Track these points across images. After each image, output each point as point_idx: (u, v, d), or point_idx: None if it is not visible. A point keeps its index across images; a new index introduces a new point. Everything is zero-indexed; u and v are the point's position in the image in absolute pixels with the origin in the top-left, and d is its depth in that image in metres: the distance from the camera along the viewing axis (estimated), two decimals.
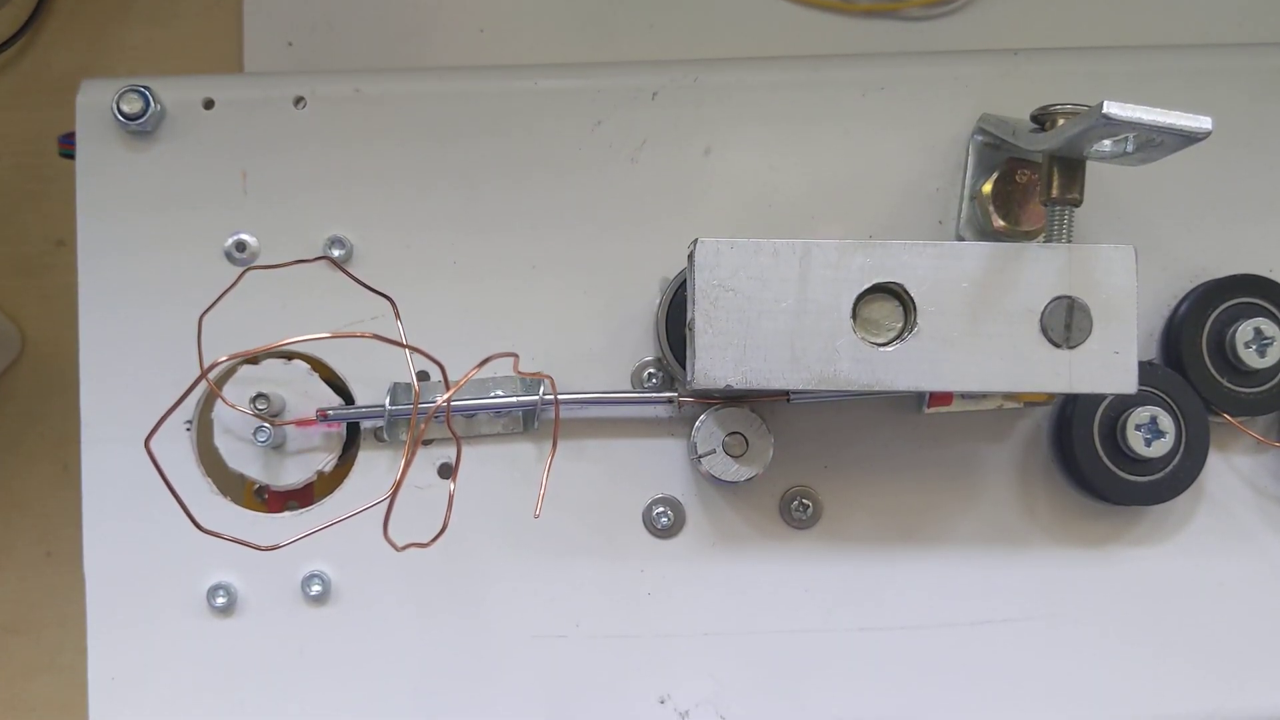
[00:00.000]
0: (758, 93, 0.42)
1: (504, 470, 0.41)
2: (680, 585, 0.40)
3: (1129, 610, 0.41)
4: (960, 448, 0.41)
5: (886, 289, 0.35)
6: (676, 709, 0.40)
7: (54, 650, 0.57)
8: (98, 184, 0.41)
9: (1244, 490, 0.41)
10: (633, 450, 0.41)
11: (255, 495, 0.43)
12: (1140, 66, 0.42)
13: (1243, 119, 0.42)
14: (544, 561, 0.40)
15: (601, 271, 0.41)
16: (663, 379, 0.41)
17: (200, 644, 0.40)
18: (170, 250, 0.41)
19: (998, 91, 0.41)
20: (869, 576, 0.41)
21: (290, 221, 0.41)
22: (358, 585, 0.40)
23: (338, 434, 0.41)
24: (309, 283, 0.41)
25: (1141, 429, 0.39)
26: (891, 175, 0.41)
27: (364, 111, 0.41)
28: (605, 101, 0.41)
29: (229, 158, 0.41)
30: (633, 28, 0.55)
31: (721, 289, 0.35)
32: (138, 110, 0.40)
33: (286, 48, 0.56)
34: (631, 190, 0.41)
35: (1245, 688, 0.40)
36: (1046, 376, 0.35)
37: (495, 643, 0.40)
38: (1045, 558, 0.41)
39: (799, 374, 0.35)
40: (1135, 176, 0.40)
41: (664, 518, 0.40)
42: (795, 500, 0.40)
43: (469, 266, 0.41)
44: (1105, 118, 0.31)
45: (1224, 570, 0.41)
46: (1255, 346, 0.39)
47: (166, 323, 0.41)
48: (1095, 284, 0.35)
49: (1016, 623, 0.41)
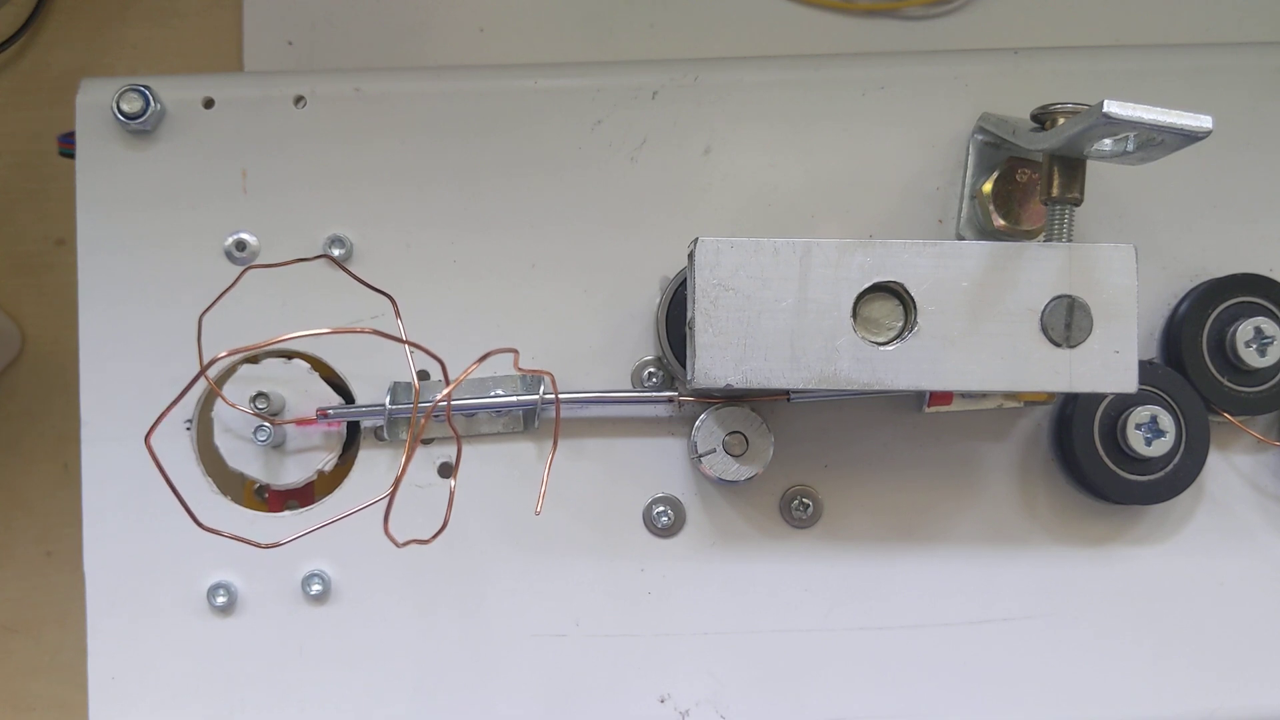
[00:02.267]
0: (758, 92, 0.42)
1: (504, 469, 0.41)
2: (680, 584, 0.40)
3: (1129, 610, 0.41)
4: (960, 447, 0.41)
5: (887, 288, 0.35)
6: (676, 708, 0.40)
7: (54, 649, 0.57)
8: (97, 183, 0.41)
9: (1244, 489, 0.41)
10: (633, 449, 0.41)
11: (255, 494, 0.43)
12: (1140, 66, 0.42)
13: (1243, 119, 0.42)
14: (544, 561, 0.40)
15: (601, 270, 0.41)
16: (663, 378, 0.41)
17: (200, 643, 0.40)
18: (170, 249, 0.41)
19: (998, 91, 0.41)
20: (869, 576, 0.41)
21: (290, 220, 0.41)
22: (358, 584, 0.40)
23: (338, 433, 0.41)
24: (309, 282, 0.41)
25: (1142, 428, 0.39)
26: (891, 174, 0.41)
27: (364, 111, 0.41)
28: (605, 101, 0.41)
29: (229, 157, 0.41)
30: (633, 27, 0.55)
31: (722, 288, 0.35)
32: (138, 109, 0.40)
33: (286, 47, 0.56)
34: (631, 190, 0.41)
35: (1245, 687, 0.40)
36: (1047, 376, 0.35)
37: (495, 642, 0.40)
38: (1045, 557, 0.41)
39: (799, 373, 0.35)
40: (1135, 176, 0.40)
41: (664, 517, 0.40)
42: (795, 500, 0.40)
43: (469, 265, 0.41)
44: (1106, 117, 0.31)
45: (1224, 570, 0.41)
46: (1255, 346, 0.39)
47: (166, 321, 0.41)
48: (1095, 283, 0.35)
49: (1016, 622, 0.41)
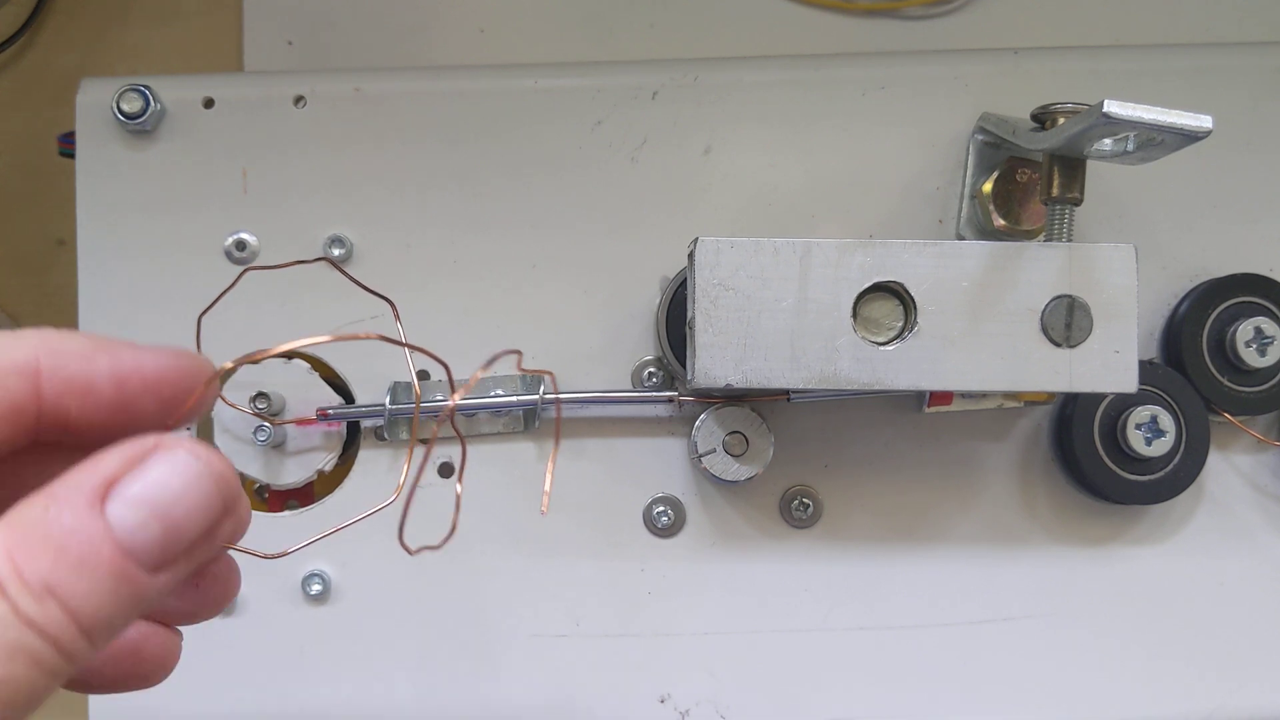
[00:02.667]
0: (758, 92, 0.42)
1: (504, 470, 0.41)
2: (680, 584, 0.40)
3: (1129, 609, 0.41)
4: (960, 447, 0.41)
5: (887, 288, 0.35)
6: (676, 708, 0.40)
7: None
8: (98, 183, 0.41)
9: (1244, 489, 0.41)
10: (633, 449, 0.41)
11: (255, 494, 0.43)
12: (1140, 66, 0.42)
13: (1243, 119, 0.42)
14: (544, 561, 0.40)
15: (601, 271, 0.41)
16: (663, 378, 0.41)
17: (200, 643, 0.40)
18: (170, 250, 0.41)
19: (998, 90, 0.41)
20: (869, 576, 0.41)
21: (290, 220, 0.41)
22: (358, 584, 0.40)
23: (338, 433, 0.41)
24: (309, 282, 0.41)
25: (1142, 428, 0.39)
26: (892, 174, 0.41)
27: (364, 111, 0.41)
28: (605, 101, 0.41)
29: (229, 157, 0.41)
30: (633, 27, 0.55)
31: (722, 288, 0.35)
32: (138, 109, 0.40)
33: (286, 47, 0.56)
34: (631, 190, 0.41)
35: (1245, 687, 0.40)
36: (1047, 375, 0.35)
37: (495, 641, 0.40)
38: (1045, 557, 0.41)
39: (799, 373, 0.35)
40: (1135, 176, 0.40)
41: (664, 517, 0.40)
42: (795, 499, 0.40)
43: (469, 265, 0.41)
44: (1106, 116, 0.31)
45: (1224, 570, 0.41)
46: (1255, 345, 0.39)
47: (166, 321, 0.41)
48: (1096, 283, 0.35)
49: (1016, 622, 0.40)
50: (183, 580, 0.22)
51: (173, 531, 0.21)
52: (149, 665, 0.28)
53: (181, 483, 0.21)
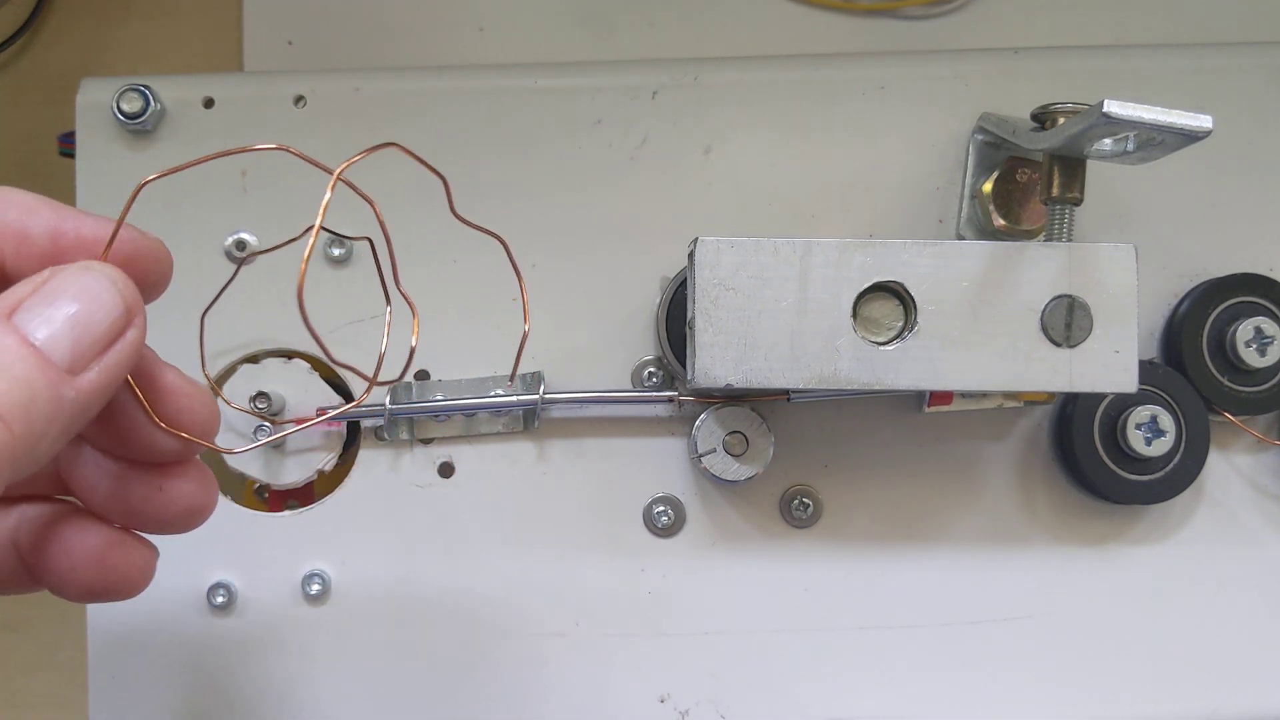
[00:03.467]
0: (758, 92, 0.41)
1: (504, 469, 0.41)
2: (680, 584, 0.40)
3: (1129, 609, 0.41)
4: (960, 447, 0.41)
5: (887, 288, 0.35)
6: (676, 708, 0.40)
7: (53, 648, 0.57)
8: (98, 183, 0.41)
9: (1244, 489, 0.41)
10: (633, 449, 0.41)
11: (255, 494, 0.43)
12: (1140, 66, 0.42)
13: (1243, 119, 0.42)
14: (544, 560, 0.40)
15: (602, 270, 0.41)
16: (663, 378, 0.41)
17: (200, 643, 0.40)
18: (170, 249, 0.41)
19: (998, 90, 0.41)
20: (869, 576, 0.41)
21: (290, 220, 0.41)
22: (358, 584, 0.40)
23: (338, 433, 0.41)
24: (309, 281, 0.41)
25: (1142, 428, 0.39)
26: (892, 174, 0.41)
27: (364, 111, 0.41)
28: (605, 100, 0.41)
29: (229, 157, 0.41)
30: (633, 26, 0.55)
31: (722, 288, 0.35)
32: (138, 109, 0.40)
33: (286, 46, 0.56)
34: (631, 189, 0.41)
35: (1245, 688, 0.40)
36: (1047, 375, 0.35)
37: (495, 642, 0.40)
38: (1045, 556, 0.41)
39: (799, 373, 0.35)
40: (1135, 176, 0.40)
41: (664, 516, 0.40)
42: (795, 499, 0.40)
43: (469, 265, 0.41)
44: (1106, 116, 0.31)
45: (1224, 570, 0.41)
46: (1255, 345, 0.39)
47: (166, 321, 0.41)
48: (1096, 283, 0.35)
49: (1016, 622, 0.40)
50: (107, 393, 0.24)
51: (79, 326, 0.23)
52: (117, 575, 0.28)
53: (79, 285, 0.24)
